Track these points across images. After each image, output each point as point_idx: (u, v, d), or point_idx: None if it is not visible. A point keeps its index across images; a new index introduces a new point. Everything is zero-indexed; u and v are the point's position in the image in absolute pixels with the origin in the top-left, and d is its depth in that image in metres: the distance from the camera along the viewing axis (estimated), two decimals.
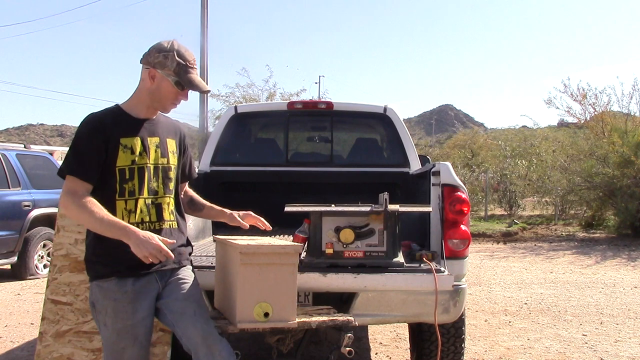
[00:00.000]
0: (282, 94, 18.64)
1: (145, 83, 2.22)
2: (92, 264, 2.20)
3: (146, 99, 2.25)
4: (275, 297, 2.31)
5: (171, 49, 2.19)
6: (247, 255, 2.26)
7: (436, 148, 36.95)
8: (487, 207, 17.56)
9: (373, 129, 5.10)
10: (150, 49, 2.22)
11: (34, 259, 7.67)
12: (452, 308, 2.91)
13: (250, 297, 2.29)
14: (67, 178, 2.11)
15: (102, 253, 2.15)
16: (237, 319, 2.30)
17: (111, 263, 2.15)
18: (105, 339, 2.19)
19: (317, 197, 3.29)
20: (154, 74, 2.19)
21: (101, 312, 2.16)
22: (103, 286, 2.15)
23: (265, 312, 2.29)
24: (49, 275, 2.83)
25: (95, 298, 2.17)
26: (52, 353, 2.71)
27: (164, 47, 2.20)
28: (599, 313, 5.82)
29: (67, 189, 2.10)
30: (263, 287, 2.28)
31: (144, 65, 2.22)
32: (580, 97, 14.59)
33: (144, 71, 2.22)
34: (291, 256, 2.33)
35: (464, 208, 3.06)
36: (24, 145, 8.62)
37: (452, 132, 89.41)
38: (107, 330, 2.17)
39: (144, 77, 2.22)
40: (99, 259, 2.17)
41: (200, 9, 16.29)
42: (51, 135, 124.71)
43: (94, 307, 2.20)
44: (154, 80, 2.20)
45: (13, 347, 4.55)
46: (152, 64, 2.19)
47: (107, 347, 2.19)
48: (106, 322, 2.16)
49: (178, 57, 2.19)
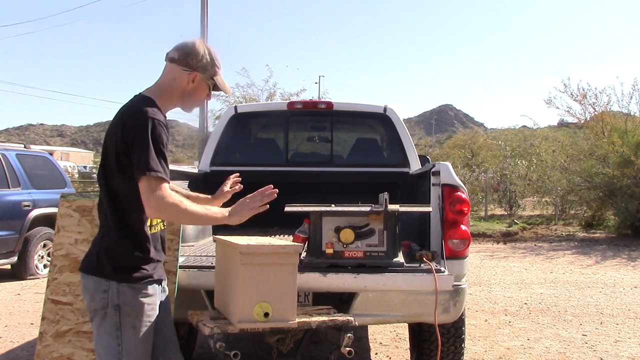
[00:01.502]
0: (282, 94, 18.64)
1: (181, 83, 2.18)
2: (125, 268, 2.11)
3: (176, 98, 2.22)
4: (275, 297, 2.31)
5: (209, 53, 2.21)
6: (247, 255, 2.26)
7: (436, 148, 36.96)
8: (487, 207, 17.56)
9: (373, 129, 5.10)
10: (190, 51, 2.18)
11: (34, 259, 7.67)
12: (452, 308, 2.92)
13: (250, 297, 2.29)
14: (156, 180, 1.98)
15: (140, 257, 2.14)
16: (237, 319, 2.31)
17: (147, 268, 2.16)
18: (128, 341, 2.11)
19: (317, 197, 3.29)
20: (195, 77, 2.18)
21: (130, 314, 2.11)
22: (137, 288, 2.12)
23: (265, 312, 2.30)
24: (49, 275, 2.83)
25: (125, 300, 2.10)
26: (52, 353, 2.71)
27: (203, 51, 2.20)
28: (599, 313, 5.82)
29: (152, 189, 1.97)
30: (263, 287, 2.28)
31: (181, 67, 2.17)
32: (580, 97, 14.59)
33: (181, 72, 2.17)
34: (291, 256, 2.33)
35: (464, 208, 3.06)
36: (24, 145, 8.61)
37: (452, 132, 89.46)
38: (135, 333, 2.12)
39: (179, 77, 2.18)
40: (135, 263, 2.12)
41: (200, 9, 16.28)
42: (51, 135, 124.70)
43: (118, 309, 2.10)
44: (193, 82, 2.19)
45: (13, 347, 4.55)
46: (195, 67, 2.18)
47: (130, 350, 2.12)
48: (135, 324, 2.11)
49: (216, 61, 2.23)
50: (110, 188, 2.11)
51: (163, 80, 2.20)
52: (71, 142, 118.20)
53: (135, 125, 2.01)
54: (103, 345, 2.13)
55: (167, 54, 2.21)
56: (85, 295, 2.16)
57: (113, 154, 2.06)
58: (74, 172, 29.85)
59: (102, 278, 2.09)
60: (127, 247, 2.11)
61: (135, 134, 2.00)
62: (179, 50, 2.18)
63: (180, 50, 2.18)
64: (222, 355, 2.29)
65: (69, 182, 8.74)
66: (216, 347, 2.29)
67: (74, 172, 30.25)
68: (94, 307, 2.12)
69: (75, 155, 58.47)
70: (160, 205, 1.98)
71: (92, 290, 2.11)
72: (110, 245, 2.11)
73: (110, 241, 2.11)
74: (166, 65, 2.21)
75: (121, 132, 2.03)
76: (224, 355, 2.29)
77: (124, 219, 2.10)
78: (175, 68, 2.17)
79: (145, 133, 1.99)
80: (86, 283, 2.14)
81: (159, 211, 2.01)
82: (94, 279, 2.11)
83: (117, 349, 2.09)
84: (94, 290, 2.10)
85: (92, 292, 2.11)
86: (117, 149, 2.04)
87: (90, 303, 2.13)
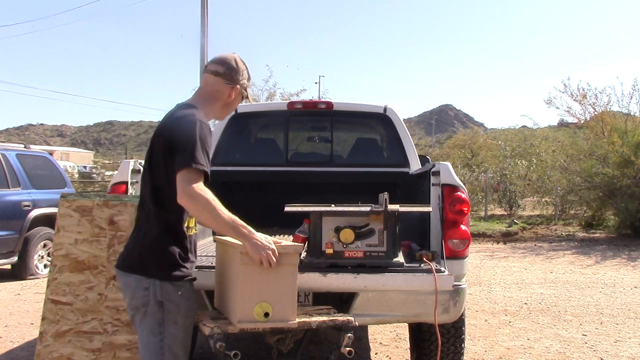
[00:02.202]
0: (282, 94, 18.66)
1: (223, 95, 2.34)
2: (168, 266, 2.18)
3: (217, 108, 2.37)
4: (275, 297, 2.31)
5: (246, 68, 2.40)
6: (247, 255, 2.26)
7: (436, 148, 36.98)
8: (487, 207, 17.56)
9: (373, 129, 5.10)
10: (233, 67, 2.33)
11: (34, 259, 7.67)
12: (452, 308, 2.92)
13: (250, 297, 2.29)
14: (197, 174, 2.06)
15: (181, 257, 2.21)
16: (237, 318, 2.31)
17: (186, 266, 2.24)
18: (170, 337, 2.18)
19: (317, 197, 3.29)
20: (236, 90, 2.35)
21: (173, 310, 2.18)
22: (178, 285, 2.19)
23: (266, 312, 2.30)
24: (49, 275, 2.83)
25: (168, 297, 2.16)
26: (52, 353, 2.71)
27: (243, 67, 2.38)
28: (599, 313, 5.82)
29: (192, 179, 2.05)
30: (263, 287, 2.28)
31: (225, 81, 2.32)
32: (580, 97, 14.59)
33: (225, 86, 2.32)
34: (291, 256, 2.33)
35: (464, 208, 3.07)
36: (24, 145, 8.61)
37: (452, 132, 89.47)
38: (177, 329, 2.19)
39: (222, 90, 2.33)
40: (176, 262, 2.19)
41: (200, 9, 16.26)
42: (51, 135, 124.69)
43: (161, 306, 2.15)
44: (233, 96, 2.36)
45: (13, 347, 4.55)
46: (237, 82, 2.35)
47: (172, 345, 2.18)
48: (177, 320, 2.19)
49: (250, 75, 2.43)
50: (156, 189, 2.19)
51: (206, 92, 2.34)
52: (71, 142, 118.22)
53: (184, 127, 2.12)
54: (144, 342, 2.19)
55: (208, 67, 2.35)
56: (126, 293, 2.22)
57: (161, 155, 2.15)
58: (74, 172, 29.85)
59: (143, 276, 2.16)
60: (169, 247, 2.18)
61: (183, 134, 2.10)
62: (223, 64, 2.33)
63: (224, 65, 2.33)
64: (222, 355, 2.29)
65: (69, 182, 8.74)
66: (216, 347, 2.29)
67: (74, 172, 30.25)
68: (135, 304, 2.18)
69: (75, 155, 58.48)
70: (194, 194, 2.03)
71: (133, 288, 2.18)
72: (153, 244, 2.18)
73: (153, 240, 2.18)
74: (207, 77, 2.35)
75: (169, 134, 2.13)
76: (224, 355, 2.28)
77: (167, 219, 2.18)
78: (220, 81, 2.33)
79: (193, 132, 2.10)
80: (127, 281, 2.20)
81: (191, 198, 2.04)
82: (136, 277, 2.17)
83: (160, 345, 2.17)
84: (136, 288, 2.17)
85: (133, 290, 2.18)
86: (165, 150, 2.13)
87: (131, 301, 2.19)
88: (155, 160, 2.19)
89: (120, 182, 3.21)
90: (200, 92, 2.35)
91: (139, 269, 2.17)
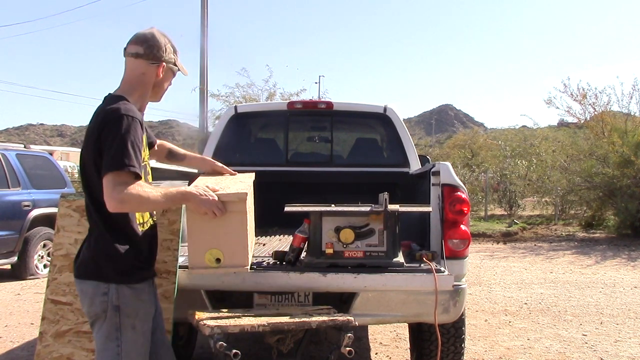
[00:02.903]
0: (282, 94, 18.62)
1: (150, 77, 2.19)
2: (123, 269, 2.09)
3: (148, 92, 2.23)
4: (225, 244, 2.34)
5: (169, 41, 2.23)
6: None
7: (436, 148, 36.96)
8: (487, 207, 17.56)
9: (373, 129, 5.10)
10: (153, 44, 2.18)
11: (34, 259, 7.67)
12: (452, 308, 2.91)
13: (199, 244, 2.34)
14: (124, 176, 1.96)
15: (136, 258, 2.13)
16: (190, 265, 2.37)
17: (145, 267, 2.17)
18: (128, 342, 2.09)
19: (317, 197, 3.29)
20: (162, 67, 2.21)
21: (130, 315, 2.09)
22: (136, 288, 2.12)
23: (217, 258, 2.35)
24: (49, 275, 2.83)
25: (124, 301, 2.08)
26: (52, 353, 2.70)
27: (164, 40, 2.21)
28: (599, 313, 5.82)
29: (120, 183, 1.94)
30: (212, 235, 2.31)
31: (148, 61, 2.17)
32: (580, 97, 14.59)
33: (149, 66, 2.18)
34: (235, 204, 2.31)
35: (464, 208, 3.07)
36: (24, 145, 8.61)
37: (452, 132, 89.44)
38: (135, 334, 2.11)
39: (148, 71, 2.18)
40: (132, 263, 2.11)
41: (200, 9, 16.27)
42: (51, 135, 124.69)
43: (117, 310, 2.07)
44: (161, 74, 2.22)
45: (13, 347, 4.55)
46: (161, 59, 2.19)
47: (130, 351, 2.10)
48: (135, 325, 2.10)
49: (175, 47, 2.26)
50: (93, 191, 2.08)
51: (130, 77, 2.20)
52: (71, 142, 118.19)
53: (109, 125, 2.00)
54: (100, 348, 2.10)
55: (127, 50, 2.19)
56: (84, 300, 2.12)
57: (91, 157, 2.04)
58: (74, 172, 29.77)
59: (101, 282, 2.07)
60: (122, 249, 2.08)
61: (108, 134, 2.00)
62: (141, 44, 2.17)
63: (142, 44, 2.17)
64: (222, 355, 2.29)
65: (69, 182, 8.74)
66: (216, 347, 2.29)
67: (74, 172, 30.20)
68: (94, 311, 2.09)
69: (75, 155, 58.32)
70: (122, 199, 1.94)
71: (91, 295, 2.08)
72: (106, 248, 2.08)
73: (105, 244, 2.08)
74: (128, 61, 2.19)
75: (97, 134, 2.02)
76: (224, 355, 2.29)
77: (114, 221, 2.07)
78: (142, 63, 2.17)
79: (118, 130, 1.98)
80: (84, 288, 2.10)
81: (121, 204, 1.96)
82: (93, 283, 2.08)
83: (117, 350, 2.08)
84: (94, 294, 2.08)
85: (91, 297, 2.08)
86: (95, 151, 2.02)
87: (90, 308, 2.10)
88: (88, 165, 2.08)
89: None
90: (126, 79, 2.19)
91: (95, 274, 2.07)
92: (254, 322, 2.41)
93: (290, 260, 2.88)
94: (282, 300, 2.90)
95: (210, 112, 18.45)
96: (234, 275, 2.73)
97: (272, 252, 3.04)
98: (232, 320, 2.44)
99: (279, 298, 2.90)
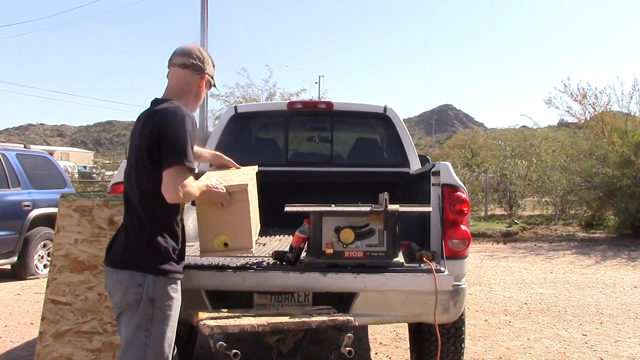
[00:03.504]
0: (282, 94, 18.63)
1: (193, 87, 2.39)
2: (161, 262, 2.19)
3: (190, 100, 2.40)
4: (231, 229, 2.59)
5: (210, 56, 2.47)
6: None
7: (436, 148, 36.98)
8: (487, 207, 17.56)
9: (373, 129, 5.10)
10: (198, 57, 2.38)
11: (34, 259, 7.67)
12: (452, 308, 2.92)
13: (209, 230, 2.58)
14: (186, 171, 2.15)
15: (174, 252, 2.24)
16: (201, 250, 2.61)
17: (177, 262, 2.27)
18: (157, 334, 2.16)
19: (317, 197, 3.29)
20: (205, 79, 2.42)
21: (162, 308, 2.17)
22: (171, 282, 2.21)
23: (225, 243, 2.58)
24: (49, 275, 2.83)
25: (159, 294, 2.16)
26: (51, 353, 2.71)
27: (207, 55, 2.44)
28: (599, 313, 5.82)
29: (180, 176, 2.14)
30: (220, 222, 2.52)
31: (193, 72, 2.37)
32: (580, 97, 14.59)
33: (193, 77, 2.37)
34: (238, 193, 2.56)
35: (464, 208, 3.07)
36: (24, 145, 8.61)
37: (452, 132, 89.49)
38: (164, 327, 2.18)
39: (192, 81, 2.38)
40: (169, 257, 2.22)
41: (200, 9, 16.26)
42: (51, 135, 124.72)
43: (152, 302, 2.15)
44: (202, 85, 2.42)
45: (13, 347, 4.55)
46: (204, 71, 2.41)
47: (156, 343, 2.16)
48: (165, 318, 2.18)
49: (213, 62, 2.48)
50: (142, 185, 2.20)
51: (176, 85, 2.37)
52: (71, 142, 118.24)
53: (174, 122, 2.16)
54: (128, 339, 2.16)
55: (173, 61, 2.37)
56: (117, 290, 2.19)
57: (146, 152, 2.16)
58: (74, 172, 29.84)
59: (137, 272, 2.16)
60: (164, 242, 2.20)
61: (172, 130, 2.15)
62: (189, 56, 2.37)
63: (189, 56, 2.37)
64: (222, 355, 2.29)
65: (69, 182, 8.74)
66: (216, 347, 2.30)
67: (74, 172, 30.24)
68: (126, 301, 2.16)
69: (75, 155, 58.42)
70: (185, 193, 2.15)
71: (126, 285, 2.15)
72: (149, 240, 2.19)
73: (148, 236, 2.19)
74: (175, 71, 2.37)
75: (159, 130, 2.15)
76: (224, 355, 2.29)
77: (159, 215, 2.20)
78: (188, 73, 2.36)
79: (183, 128, 2.16)
80: (120, 278, 2.17)
81: (184, 197, 2.17)
82: (130, 273, 2.16)
83: (145, 341, 2.14)
84: (129, 284, 2.15)
85: (126, 287, 2.15)
86: (154, 146, 2.15)
87: (123, 297, 2.17)
88: (141, 158, 2.19)
89: (120, 182, 3.20)
90: (172, 88, 2.37)
91: (132, 264, 2.16)
92: (254, 322, 2.42)
93: (290, 260, 2.88)
94: (282, 300, 2.90)
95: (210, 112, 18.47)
96: (234, 275, 2.74)
97: (272, 252, 3.04)
98: (232, 320, 2.45)
99: (279, 298, 2.90)
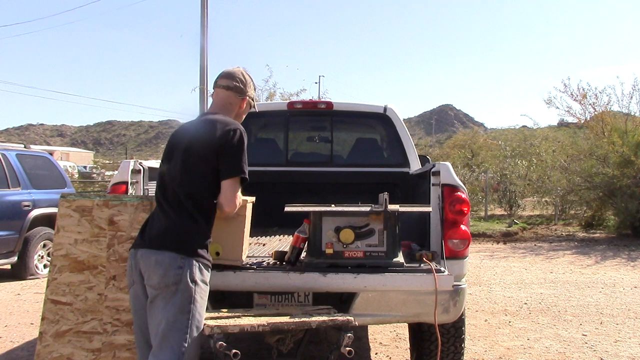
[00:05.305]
0: (282, 94, 18.62)
1: (235, 107, 2.59)
2: (201, 248, 2.33)
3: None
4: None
5: (252, 80, 2.65)
6: None
7: (436, 148, 36.99)
8: (487, 207, 17.55)
9: (373, 129, 5.10)
10: (241, 81, 2.58)
11: (34, 259, 7.67)
12: (452, 308, 2.92)
13: None
14: (238, 179, 2.39)
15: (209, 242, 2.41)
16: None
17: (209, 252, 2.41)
18: (195, 317, 2.26)
19: (317, 197, 3.29)
20: (246, 101, 2.61)
21: (201, 291, 2.29)
22: (204, 268, 2.34)
23: (216, 252, 2.65)
24: (49, 275, 2.83)
25: (200, 277, 2.30)
26: (52, 353, 2.71)
27: (250, 79, 2.63)
28: (599, 313, 5.82)
29: (237, 187, 2.41)
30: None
31: (236, 94, 2.57)
32: (580, 97, 14.57)
33: (236, 98, 2.58)
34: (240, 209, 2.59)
35: (464, 208, 3.07)
36: (24, 145, 8.60)
37: (452, 132, 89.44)
38: (201, 309, 2.30)
39: (235, 102, 2.58)
40: (206, 246, 2.38)
41: (200, 9, 16.25)
42: (51, 135, 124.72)
43: (195, 284, 2.26)
44: (243, 107, 2.62)
45: (13, 347, 4.55)
46: (247, 94, 2.60)
47: (196, 326, 2.26)
48: (202, 301, 2.30)
49: (255, 86, 2.68)
50: (193, 185, 2.36)
51: (220, 105, 2.57)
52: (71, 142, 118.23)
53: (233, 136, 2.37)
54: (170, 320, 2.21)
55: (218, 82, 2.58)
56: (156, 271, 2.25)
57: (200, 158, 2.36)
58: (74, 172, 29.84)
59: (179, 254, 2.26)
60: (204, 230, 2.36)
61: (232, 143, 2.36)
62: (233, 79, 2.57)
63: (233, 79, 2.57)
64: (222, 355, 2.29)
65: (69, 182, 8.74)
66: (216, 347, 2.30)
67: (74, 172, 30.24)
68: (165, 282, 2.23)
69: (75, 155, 58.43)
70: (238, 204, 2.41)
71: (167, 266, 2.24)
72: (191, 226, 2.32)
73: (191, 222, 2.32)
74: (219, 92, 2.58)
75: (218, 141, 2.35)
76: (224, 355, 2.29)
77: (205, 207, 2.37)
78: (231, 95, 2.57)
79: (241, 142, 2.39)
80: (160, 259, 2.26)
81: (235, 208, 2.41)
82: (171, 255, 2.25)
83: (186, 323, 2.23)
84: (169, 265, 2.24)
85: (166, 268, 2.23)
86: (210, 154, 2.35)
87: (162, 279, 2.23)
88: (192, 162, 2.36)
89: (120, 182, 3.21)
90: (216, 107, 2.56)
91: (174, 247, 2.26)
92: (254, 322, 2.42)
93: (290, 260, 2.88)
94: (282, 300, 2.90)
95: None
96: (234, 275, 2.74)
97: (272, 252, 3.04)
98: (232, 320, 2.45)
99: (279, 298, 2.90)
